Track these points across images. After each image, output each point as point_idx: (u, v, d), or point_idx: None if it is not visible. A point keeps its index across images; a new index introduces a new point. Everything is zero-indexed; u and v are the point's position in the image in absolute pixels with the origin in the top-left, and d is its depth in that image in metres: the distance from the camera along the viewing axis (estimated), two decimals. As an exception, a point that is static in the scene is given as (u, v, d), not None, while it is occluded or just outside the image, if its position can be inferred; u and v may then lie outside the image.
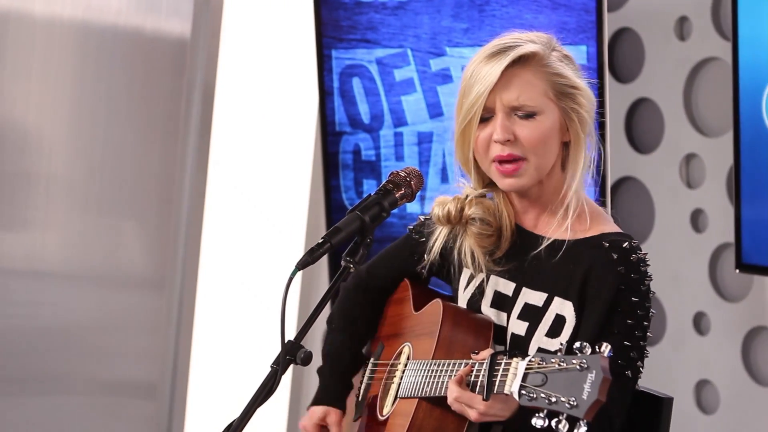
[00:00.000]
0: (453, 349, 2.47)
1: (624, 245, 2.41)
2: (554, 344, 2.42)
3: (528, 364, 2.12)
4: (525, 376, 2.11)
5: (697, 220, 3.66)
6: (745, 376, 3.53)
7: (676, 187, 3.68)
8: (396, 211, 2.50)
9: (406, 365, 2.59)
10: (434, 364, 2.44)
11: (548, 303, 2.46)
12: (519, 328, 2.49)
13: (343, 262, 2.35)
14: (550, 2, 3.46)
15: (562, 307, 2.44)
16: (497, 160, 2.45)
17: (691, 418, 3.61)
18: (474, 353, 2.36)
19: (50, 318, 4.10)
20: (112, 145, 4.16)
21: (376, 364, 2.74)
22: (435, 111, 3.75)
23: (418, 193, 2.49)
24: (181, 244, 4.32)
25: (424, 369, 2.46)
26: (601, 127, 3.21)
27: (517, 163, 2.45)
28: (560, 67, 2.46)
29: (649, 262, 2.44)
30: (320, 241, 2.32)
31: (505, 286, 2.53)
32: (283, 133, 4.51)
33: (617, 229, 2.49)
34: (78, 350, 4.15)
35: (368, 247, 2.36)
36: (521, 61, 2.44)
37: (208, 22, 4.27)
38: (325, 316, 4.16)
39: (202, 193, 4.35)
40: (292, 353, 2.28)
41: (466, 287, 2.60)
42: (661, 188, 3.72)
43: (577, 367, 2.05)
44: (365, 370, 2.77)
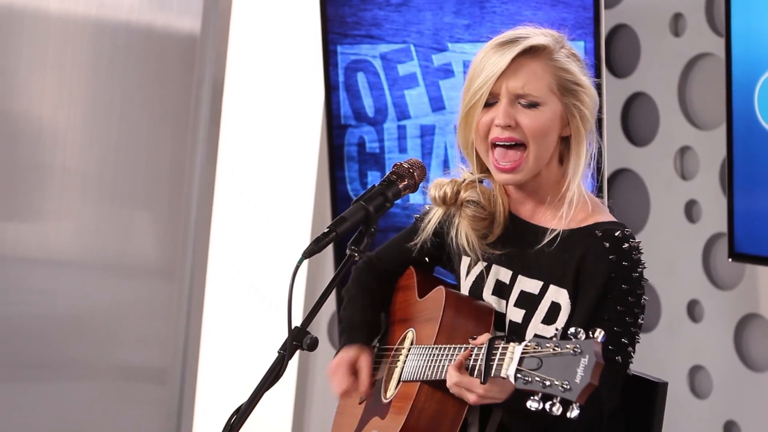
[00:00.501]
0: (454, 334, 2.48)
1: (616, 234, 2.42)
2: (550, 331, 2.44)
3: (524, 349, 2.12)
4: (521, 360, 2.11)
5: (691, 210, 3.64)
6: (737, 362, 3.52)
7: (670, 179, 3.66)
8: (399, 201, 2.49)
9: (409, 350, 2.59)
10: (436, 349, 2.45)
11: (544, 291, 2.48)
12: (516, 316, 2.51)
13: (348, 251, 2.37)
14: (549, -1, 3.44)
15: (558, 295, 2.46)
16: (495, 142, 2.47)
17: (685, 402, 3.60)
18: (472, 339, 2.37)
19: (64, 305, 4.12)
20: (125, 138, 4.16)
21: (381, 348, 2.74)
22: (437, 105, 3.75)
23: (421, 184, 2.50)
24: (191, 233, 4.32)
25: (426, 354, 2.47)
26: (598, 121, 3.12)
27: (517, 157, 2.45)
28: (567, 63, 2.48)
29: (642, 251, 2.44)
30: (326, 231, 2.34)
31: (505, 275, 2.54)
32: (290, 126, 4.50)
33: (611, 218, 2.49)
34: (91, 336, 4.17)
35: (372, 237, 2.38)
36: (531, 52, 2.45)
37: (217, 20, 4.28)
38: (331, 304, 4.23)
39: (212, 185, 4.36)
40: (299, 339, 2.30)
41: (467, 275, 2.61)
42: (656, 180, 3.69)
43: (571, 352, 2.06)
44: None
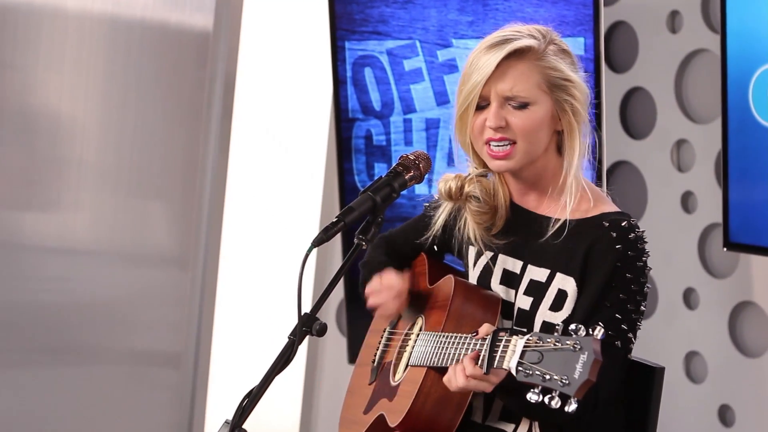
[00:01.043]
0: (462, 322, 2.50)
1: (623, 224, 2.46)
2: (557, 317, 2.48)
3: (526, 342, 2.16)
4: (523, 353, 2.15)
5: (687, 201, 3.68)
6: (731, 348, 3.56)
7: (667, 171, 3.69)
8: (405, 192, 2.50)
9: (418, 335, 2.62)
10: (443, 336, 2.47)
11: (551, 279, 2.51)
12: (524, 303, 2.54)
13: (356, 240, 2.40)
14: (550, -4, 3.47)
15: (564, 283, 2.49)
16: (489, 141, 2.50)
17: (681, 387, 3.63)
18: (474, 333, 2.37)
19: (81, 293, 4.13)
20: (140, 132, 4.17)
21: (391, 333, 2.77)
22: (442, 99, 3.78)
23: (426, 175, 2.52)
24: (204, 223, 4.33)
25: (434, 340, 2.50)
26: (597, 115, 3.23)
27: (509, 147, 2.49)
28: (554, 60, 2.50)
29: (646, 240, 2.48)
30: (334, 220, 2.36)
31: (513, 265, 2.58)
32: (299, 120, 4.53)
33: (616, 209, 2.53)
34: (107, 323, 4.18)
35: (379, 226, 2.41)
36: (517, 54, 2.47)
37: (229, 17, 4.28)
38: (339, 292, 4.30)
39: (224, 176, 4.37)
40: (308, 325, 2.32)
41: (474, 264, 2.64)
42: (653, 172, 3.72)
43: (571, 348, 2.09)
44: (382, 337, 2.80)
